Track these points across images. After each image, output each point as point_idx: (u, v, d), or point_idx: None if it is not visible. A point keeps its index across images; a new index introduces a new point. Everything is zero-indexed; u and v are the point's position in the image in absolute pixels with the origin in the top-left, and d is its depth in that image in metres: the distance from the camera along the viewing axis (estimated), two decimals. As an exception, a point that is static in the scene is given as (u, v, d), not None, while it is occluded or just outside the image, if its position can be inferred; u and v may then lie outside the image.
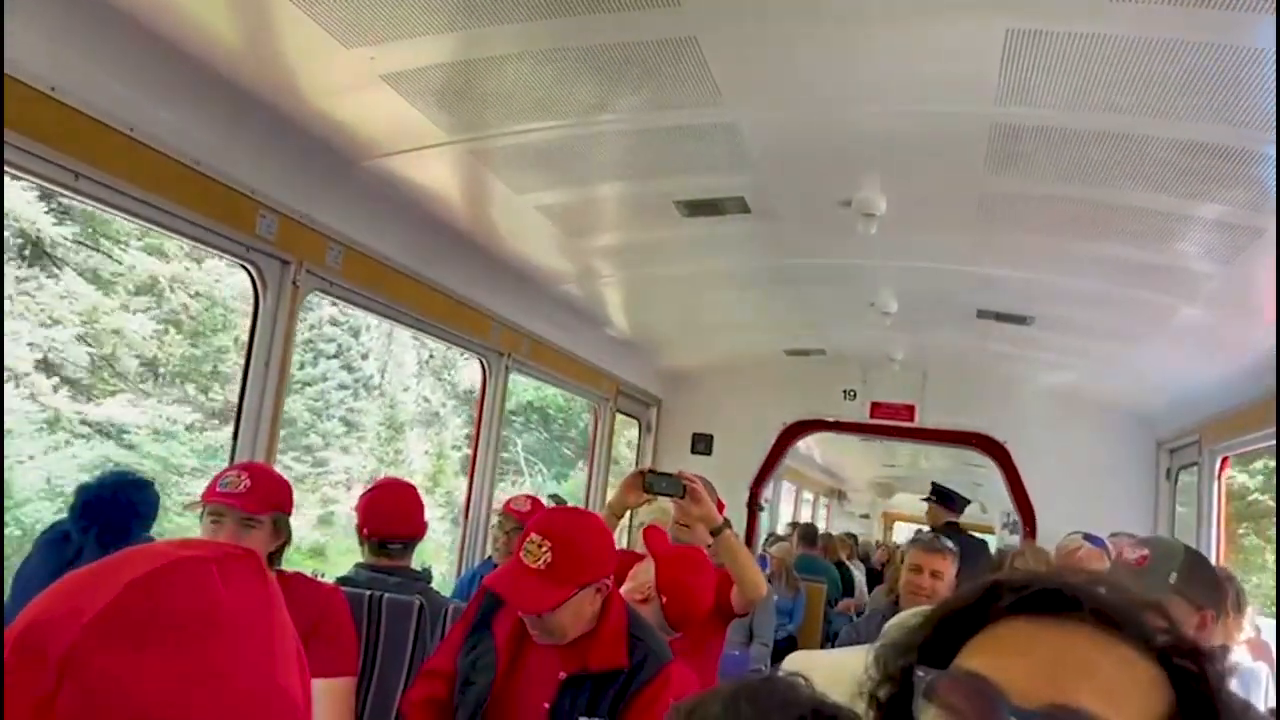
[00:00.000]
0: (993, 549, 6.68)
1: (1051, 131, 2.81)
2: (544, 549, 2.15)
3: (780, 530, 10.22)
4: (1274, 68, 2.17)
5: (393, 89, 2.75)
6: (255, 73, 2.68)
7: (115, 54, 2.41)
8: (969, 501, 6.42)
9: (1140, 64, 2.32)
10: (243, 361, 3.26)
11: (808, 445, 12.21)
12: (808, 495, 16.17)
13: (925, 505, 6.29)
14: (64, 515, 2.42)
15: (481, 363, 4.92)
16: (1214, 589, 2.24)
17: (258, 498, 2.47)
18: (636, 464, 7.49)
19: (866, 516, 17.84)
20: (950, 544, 3.76)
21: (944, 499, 6.12)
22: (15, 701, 0.74)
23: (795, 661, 1.94)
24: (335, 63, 2.59)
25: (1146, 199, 3.12)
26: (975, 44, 2.39)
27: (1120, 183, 3.04)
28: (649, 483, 3.11)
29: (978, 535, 6.97)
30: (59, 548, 2.08)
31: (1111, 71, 2.39)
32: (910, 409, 6.96)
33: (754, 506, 7.51)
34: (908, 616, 0.94)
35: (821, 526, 14.93)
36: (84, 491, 2.15)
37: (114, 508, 2.20)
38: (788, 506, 15.27)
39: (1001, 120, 2.80)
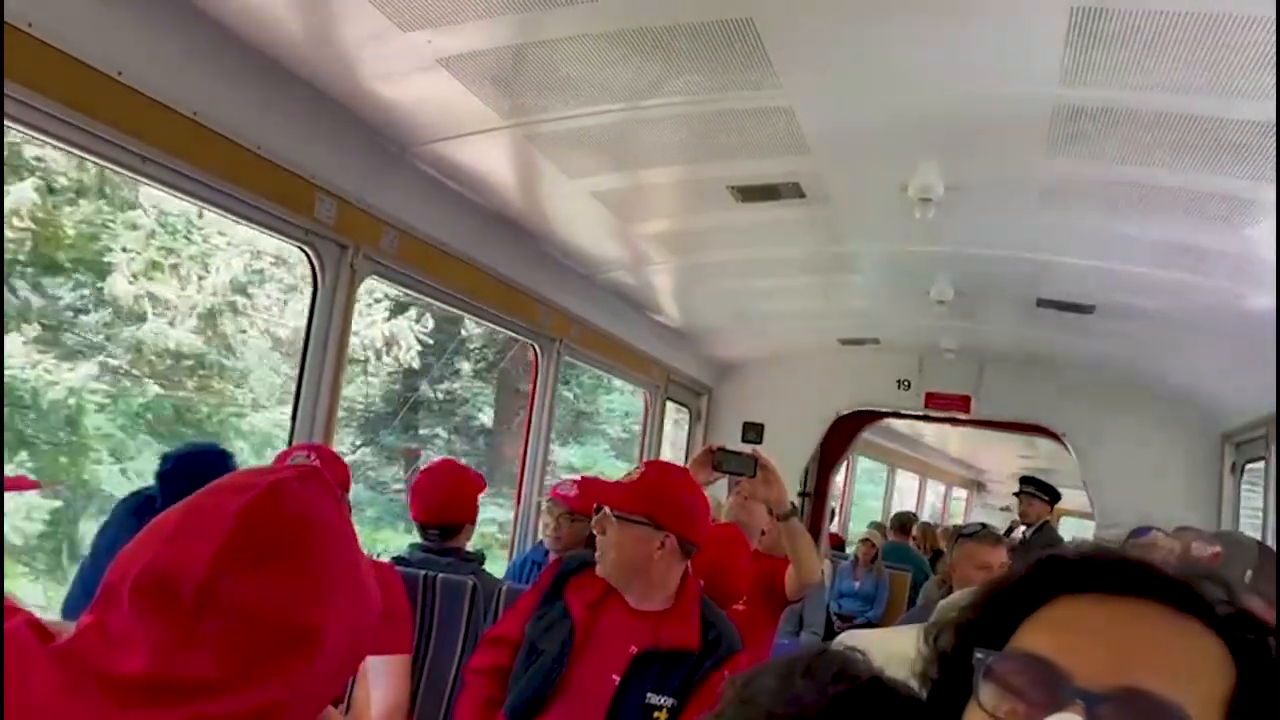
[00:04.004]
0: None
1: (1116, 112, 2.74)
2: (638, 470, 2.40)
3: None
4: None
5: (449, 73, 2.77)
6: (315, 58, 2.72)
7: (179, 39, 2.46)
8: (1059, 495, 6.31)
9: (1208, 40, 2.25)
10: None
11: (941, 437, 12.20)
12: (937, 486, 16.08)
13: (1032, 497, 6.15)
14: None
15: (533, 349, 4.94)
16: None
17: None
18: (686, 455, 7.49)
19: (1007, 509, 17.57)
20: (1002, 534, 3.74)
21: (1041, 492, 6.01)
22: (154, 636, 0.82)
23: (846, 640, 1.93)
24: (393, 47, 2.62)
25: (1215, 182, 3.03)
26: (1038, 22, 2.34)
27: (1188, 165, 2.96)
28: (719, 460, 3.09)
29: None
30: (143, 513, 2.15)
31: (1178, 49, 2.32)
32: (966, 400, 6.85)
33: (823, 495, 7.50)
34: (960, 596, 0.92)
35: (959, 519, 14.90)
36: (167, 460, 2.21)
37: (198, 475, 2.26)
38: (910, 497, 15.27)
39: (1064, 101, 2.73)
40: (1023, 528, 6.16)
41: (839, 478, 9.61)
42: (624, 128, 3.21)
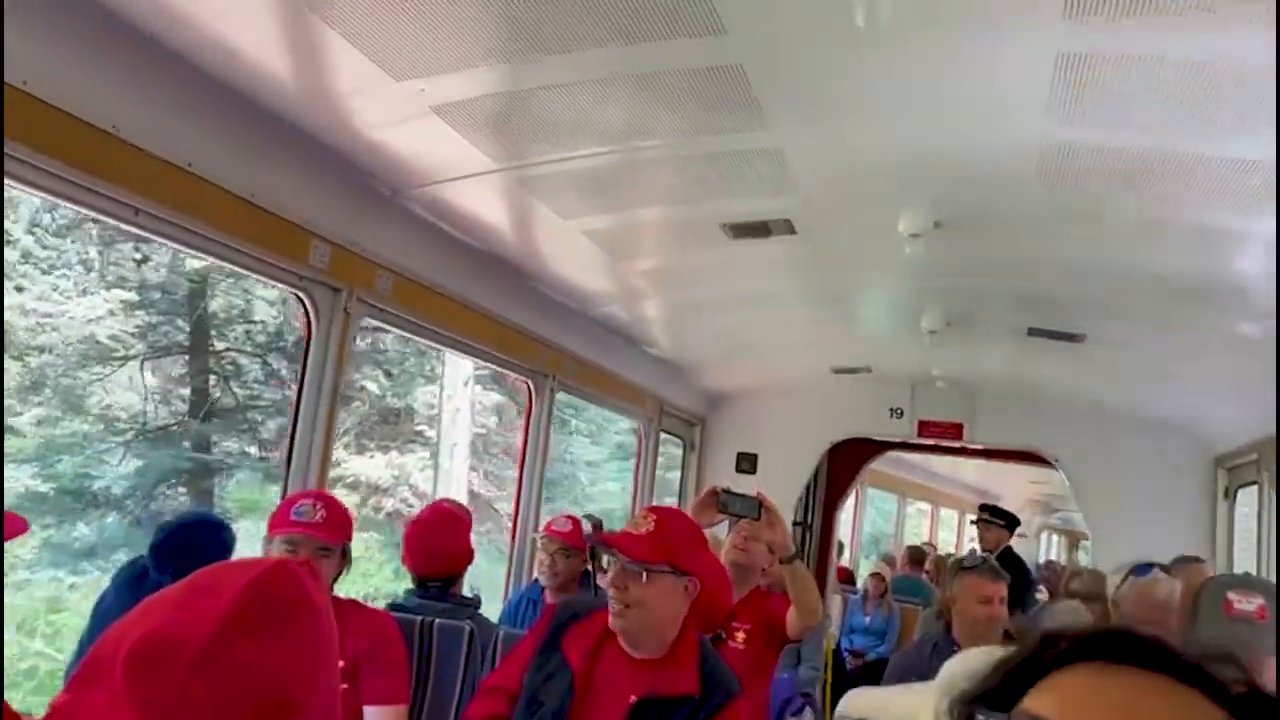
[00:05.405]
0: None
1: (1104, 151, 2.78)
2: (649, 519, 2.32)
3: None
4: None
5: (442, 120, 2.79)
6: (309, 108, 2.73)
7: (174, 93, 2.47)
8: (1019, 521, 6.34)
9: (1193, 84, 2.29)
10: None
11: (953, 466, 12.24)
12: (948, 513, 16.08)
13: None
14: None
15: (527, 385, 4.94)
16: None
17: (332, 527, 2.52)
18: (680, 486, 7.48)
19: (1023, 535, 17.35)
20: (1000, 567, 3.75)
21: (998, 518, 6.04)
22: (146, 702, 0.84)
23: (850, 708, 1.91)
24: (386, 95, 2.64)
25: (1205, 216, 3.06)
26: (1024, 67, 2.37)
27: (1175, 201, 2.99)
28: (723, 502, 3.08)
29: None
30: (137, 584, 2.16)
31: (1164, 92, 2.36)
32: (959, 427, 6.88)
33: (829, 529, 7.48)
34: (976, 663, 0.92)
35: (970, 546, 14.84)
36: (162, 530, 2.22)
37: (192, 547, 2.28)
38: (925, 525, 15.19)
39: (1052, 140, 2.76)
40: (984, 554, 6.17)
41: (848, 510, 9.62)
42: (616, 170, 3.23)
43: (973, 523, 6.33)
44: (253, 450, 10.60)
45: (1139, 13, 2.04)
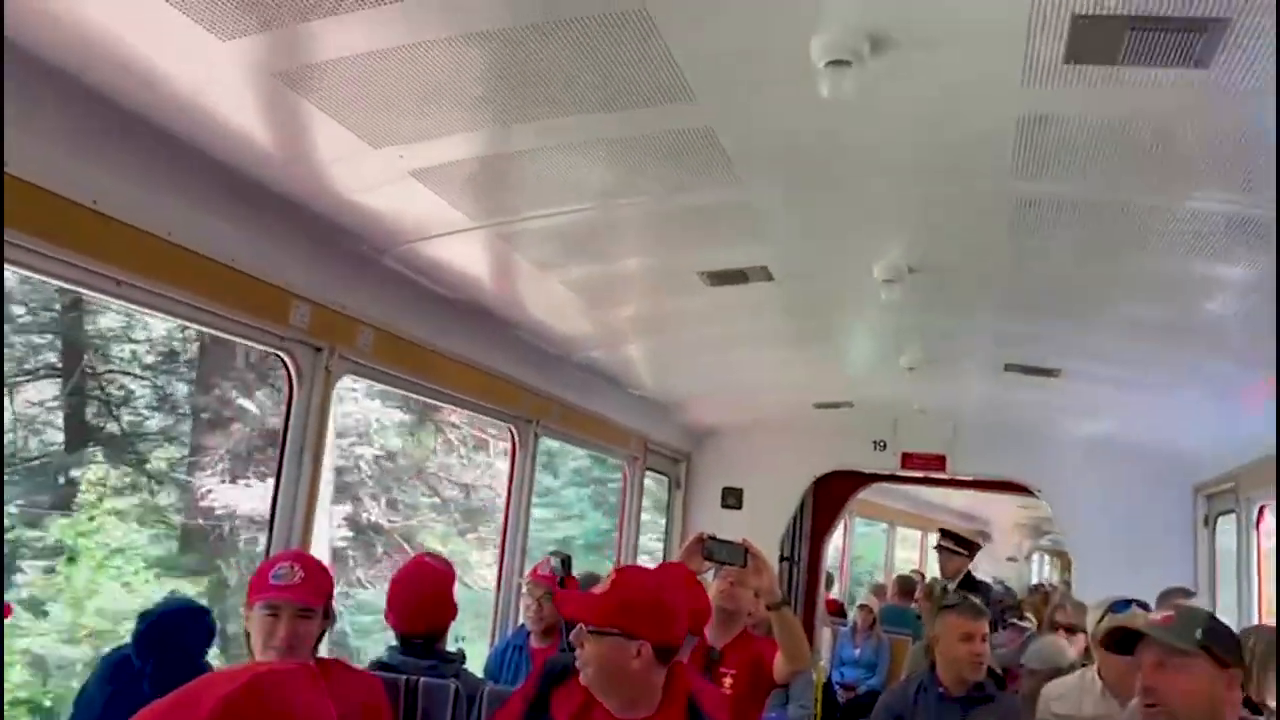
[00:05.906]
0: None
1: (1069, 203, 2.85)
2: (608, 580, 2.33)
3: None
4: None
5: (420, 183, 2.83)
6: (287, 176, 2.77)
7: (153, 166, 2.50)
8: (980, 546, 6.37)
9: (1148, 141, 2.36)
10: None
11: (943, 491, 12.27)
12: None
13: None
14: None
15: (511, 431, 4.95)
16: (1238, 649, 2.25)
17: (312, 588, 2.50)
18: (667, 522, 7.48)
19: (1014, 559, 17.28)
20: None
21: (959, 546, 6.06)
22: None
23: None
24: (365, 162, 2.68)
25: (1167, 264, 3.14)
26: (987, 128, 2.44)
27: (1140, 249, 3.06)
28: (709, 550, 3.08)
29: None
30: (120, 672, 2.16)
31: (1122, 149, 2.43)
32: (941, 459, 6.93)
33: (816, 562, 7.47)
34: None
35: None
36: (144, 619, 2.22)
37: (173, 634, 2.27)
38: (913, 553, 15.15)
39: (1019, 193, 2.84)
40: (946, 582, 6.16)
41: (835, 541, 9.62)
42: (593, 225, 3.28)
43: (934, 548, 6.34)
44: (141, 481, 9.41)
45: (1090, 80, 2.11)
